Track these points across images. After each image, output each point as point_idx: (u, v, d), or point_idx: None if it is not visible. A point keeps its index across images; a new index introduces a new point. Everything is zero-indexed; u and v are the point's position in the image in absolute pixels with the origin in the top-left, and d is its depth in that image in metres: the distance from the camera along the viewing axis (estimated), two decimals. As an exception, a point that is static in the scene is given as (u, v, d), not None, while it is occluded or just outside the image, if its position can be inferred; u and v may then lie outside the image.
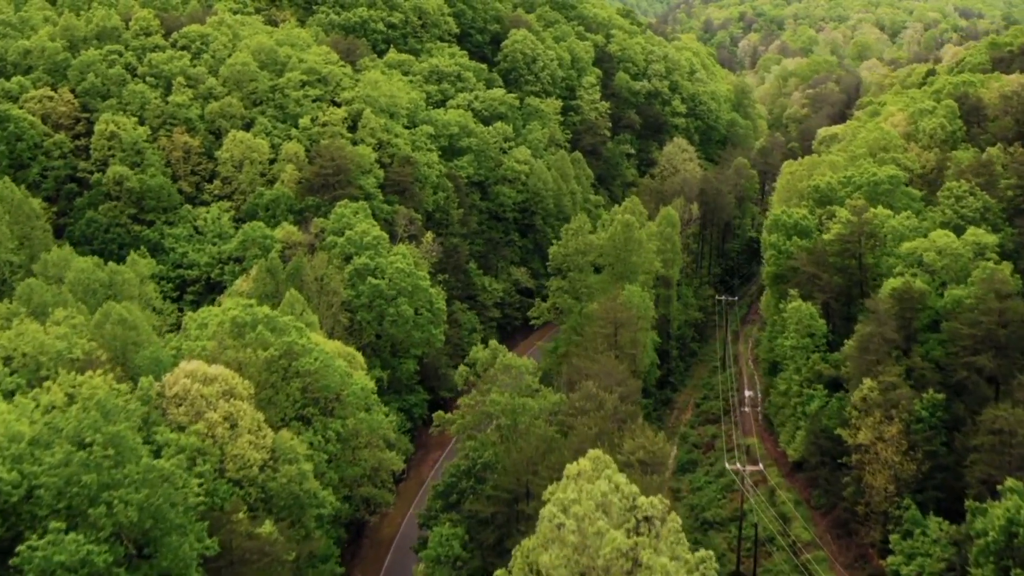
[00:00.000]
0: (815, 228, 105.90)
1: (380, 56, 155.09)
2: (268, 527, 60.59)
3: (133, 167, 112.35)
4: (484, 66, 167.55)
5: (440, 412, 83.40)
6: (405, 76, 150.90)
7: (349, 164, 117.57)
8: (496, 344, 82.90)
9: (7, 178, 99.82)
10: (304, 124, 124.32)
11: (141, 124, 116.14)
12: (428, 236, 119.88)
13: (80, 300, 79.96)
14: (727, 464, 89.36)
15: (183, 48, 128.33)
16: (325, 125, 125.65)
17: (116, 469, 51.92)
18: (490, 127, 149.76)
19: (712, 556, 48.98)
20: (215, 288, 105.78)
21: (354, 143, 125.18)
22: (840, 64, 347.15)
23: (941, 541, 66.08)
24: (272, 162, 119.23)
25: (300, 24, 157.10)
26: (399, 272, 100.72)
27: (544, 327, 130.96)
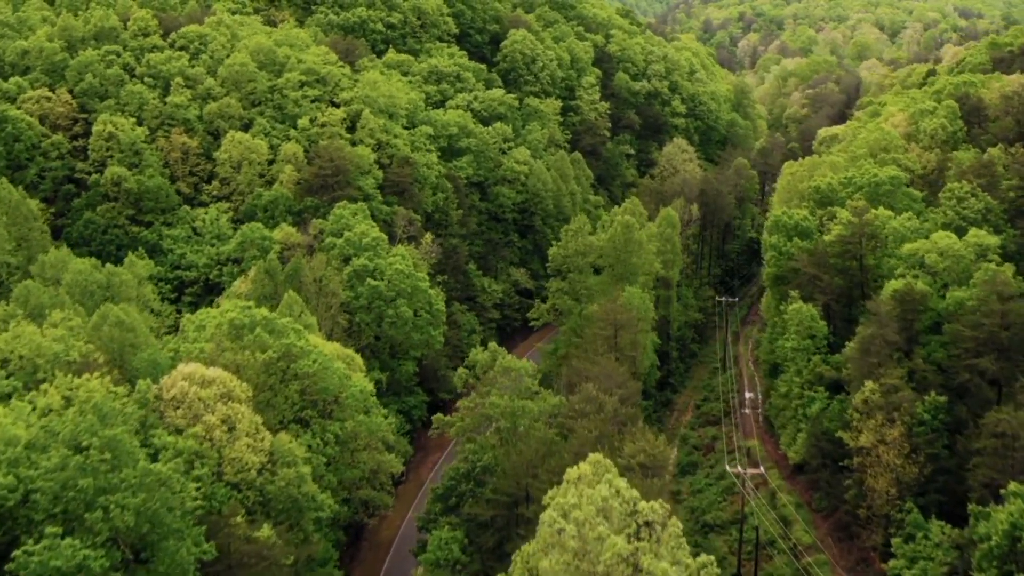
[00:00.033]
0: (816, 229, 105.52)
1: (379, 56, 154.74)
2: (266, 531, 60.40)
3: (131, 168, 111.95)
4: (483, 66, 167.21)
5: (439, 415, 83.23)
6: (404, 76, 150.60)
7: (348, 165, 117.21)
8: (495, 346, 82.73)
9: (4, 179, 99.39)
10: (303, 125, 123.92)
11: (139, 125, 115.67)
12: (427, 237, 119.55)
13: (77, 302, 79.60)
14: (728, 467, 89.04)
15: (181, 48, 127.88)
16: (324, 126, 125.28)
17: (113, 473, 51.71)
18: (489, 127, 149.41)
19: (713, 561, 48.69)
20: (213, 289, 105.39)
21: (353, 144, 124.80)
22: (840, 64, 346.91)
23: (943, 545, 65.75)
24: (271, 163, 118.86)
25: (299, 24, 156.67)
26: (398, 273, 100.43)
27: (544, 328, 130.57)
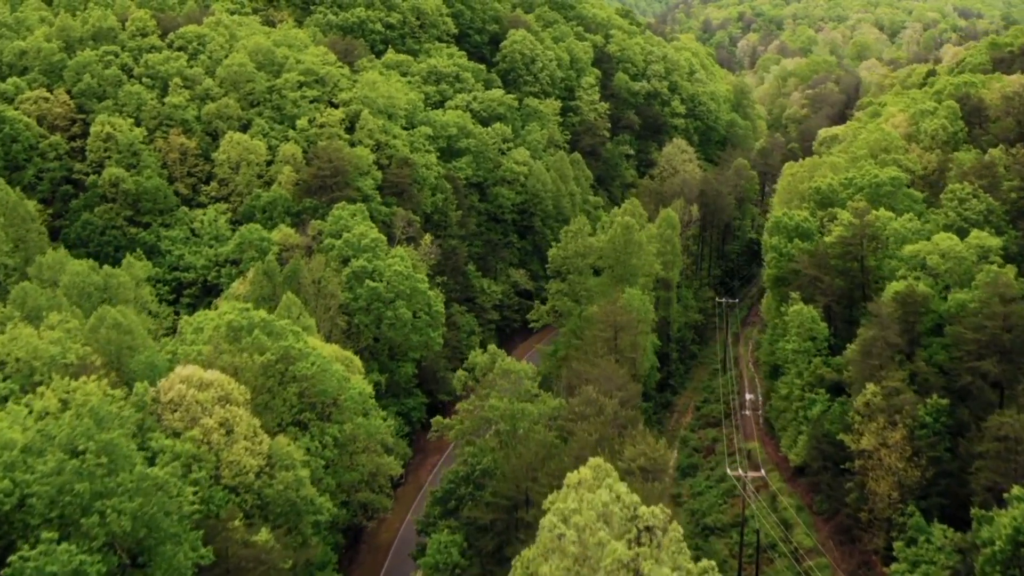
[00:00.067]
0: (816, 230, 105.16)
1: (378, 57, 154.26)
2: (264, 535, 60.04)
3: (129, 169, 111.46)
4: (483, 67, 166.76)
5: (439, 417, 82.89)
6: (403, 77, 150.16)
7: (347, 166, 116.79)
8: (495, 348, 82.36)
9: (2, 180, 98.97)
10: (301, 125, 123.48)
11: (137, 125, 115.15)
12: (426, 238, 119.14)
13: (75, 304, 79.18)
14: (728, 470, 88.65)
15: (180, 49, 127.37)
16: (323, 126, 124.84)
17: (109, 477, 51.39)
18: (489, 128, 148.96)
19: (714, 566, 48.37)
20: (212, 291, 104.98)
21: (352, 144, 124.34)
22: (839, 64, 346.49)
23: (945, 549, 65.33)
24: (269, 164, 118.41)
25: (297, 24, 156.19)
26: (397, 275, 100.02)
27: (543, 329, 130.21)
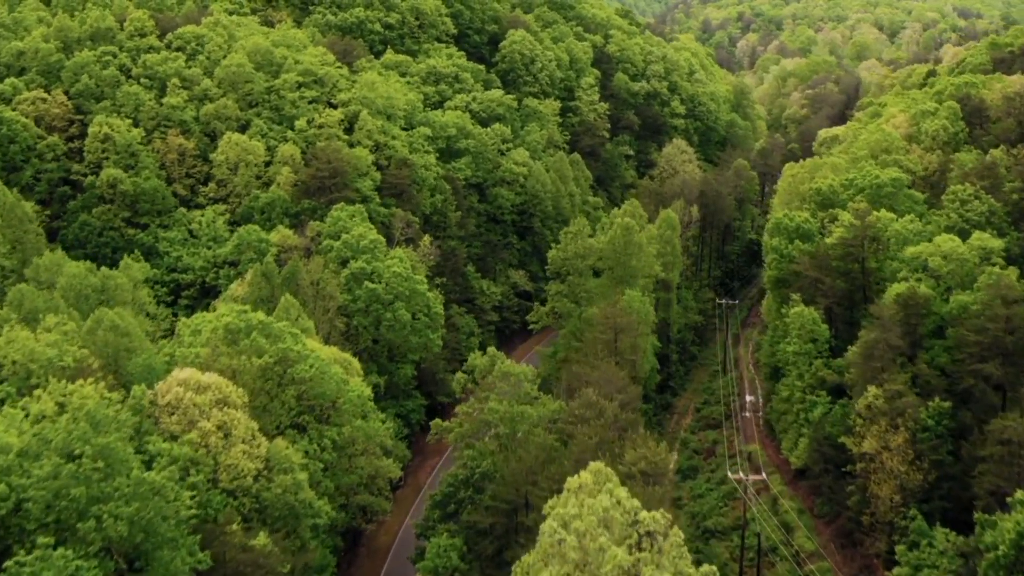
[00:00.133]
0: (817, 232, 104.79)
1: (377, 57, 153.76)
2: (262, 539, 59.68)
3: (127, 170, 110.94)
4: (482, 67, 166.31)
5: (438, 420, 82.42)
6: (402, 77, 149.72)
7: (345, 166, 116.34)
8: (494, 351, 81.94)
9: (0, 181, 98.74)
10: (300, 126, 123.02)
11: (135, 126, 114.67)
12: (425, 239, 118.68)
13: (72, 306, 78.58)
14: (729, 473, 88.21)
15: (178, 49, 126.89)
16: (321, 127, 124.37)
17: (106, 482, 50.97)
18: (488, 128, 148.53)
19: (715, 572, 47.91)
20: (210, 292, 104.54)
21: (351, 145, 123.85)
22: (839, 64, 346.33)
23: (948, 553, 64.94)
24: (268, 164, 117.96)
25: (296, 25, 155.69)
26: (396, 276, 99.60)
27: (543, 331, 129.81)
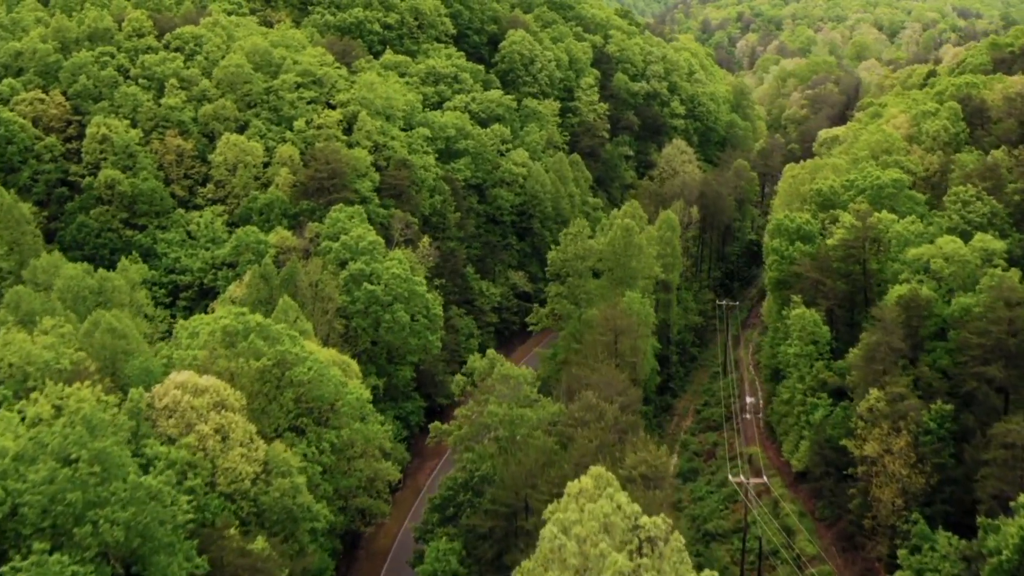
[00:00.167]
0: (818, 233, 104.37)
1: (376, 57, 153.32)
2: (260, 543, 59.38)
3: (125, 171, 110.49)
4: (481, 67, 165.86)
5: (437, 423, 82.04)
6: (401, 78, 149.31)
7: (344, 167, 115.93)
8: (494, 353, 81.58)
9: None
10: (299, 127, 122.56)
11: (133, 127, 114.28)
12: (424, 240, 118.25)
13: (69, 308, 78.18)
14: (730, 476, 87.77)
15: (176, 50, 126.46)
16: (320, 128, 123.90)
17: (102, 486, 50.61)
18: (487, 129, 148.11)
19: (717, 577, 47.64)
20: (208, 294, 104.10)
21: (349, 146, 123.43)
22: (839, 64, 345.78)
23: (950, 557, 64.58)
24: (266, 165, 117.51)
25: (295, 25, 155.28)
26: (395, 277, 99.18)
27: (543, 332, 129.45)
